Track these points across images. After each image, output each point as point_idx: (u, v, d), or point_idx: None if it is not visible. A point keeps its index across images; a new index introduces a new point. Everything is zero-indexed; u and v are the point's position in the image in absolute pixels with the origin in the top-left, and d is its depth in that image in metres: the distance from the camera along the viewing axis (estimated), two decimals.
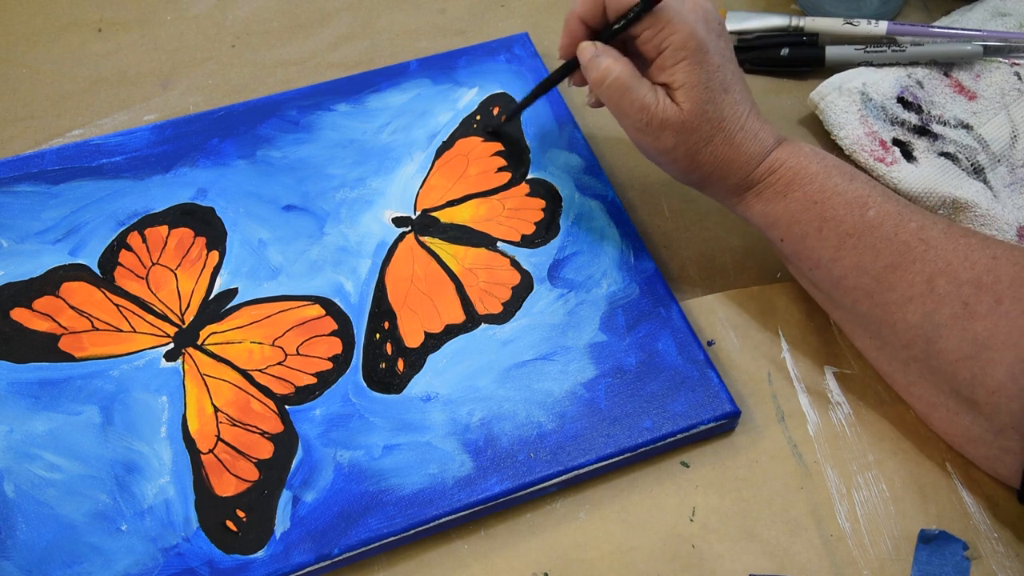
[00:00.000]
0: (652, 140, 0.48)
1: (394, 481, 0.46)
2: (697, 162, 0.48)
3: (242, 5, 0.70)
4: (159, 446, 0.47)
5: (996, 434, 0.44)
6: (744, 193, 0.49)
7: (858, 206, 0.46)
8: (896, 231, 0.45)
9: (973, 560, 0.46)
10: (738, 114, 0.48)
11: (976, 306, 0.43)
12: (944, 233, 0.45)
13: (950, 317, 0.44)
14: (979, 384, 0.43)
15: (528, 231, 0.55)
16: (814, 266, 0.48)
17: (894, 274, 0.45)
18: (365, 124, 0.60)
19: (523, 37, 0.64)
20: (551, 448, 0.47)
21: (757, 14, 0.67)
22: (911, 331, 0.45)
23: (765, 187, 0.48)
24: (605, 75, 0.47)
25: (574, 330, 0.51)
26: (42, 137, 0.62)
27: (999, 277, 0.43)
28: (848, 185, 0.47)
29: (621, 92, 0.47)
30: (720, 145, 0.47)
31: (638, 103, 0.47)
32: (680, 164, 0.49)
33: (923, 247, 0.45)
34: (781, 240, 0.49)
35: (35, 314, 0.51)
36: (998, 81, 0.62)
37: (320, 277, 0.53)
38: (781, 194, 0.48)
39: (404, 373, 0.49)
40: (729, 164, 0.48)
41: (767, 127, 0.49)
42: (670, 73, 0.46)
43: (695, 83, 0.46)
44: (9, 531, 0.44)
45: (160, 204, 0.56)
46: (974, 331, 0.43)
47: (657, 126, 0.47)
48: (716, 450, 0.49)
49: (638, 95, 0.47)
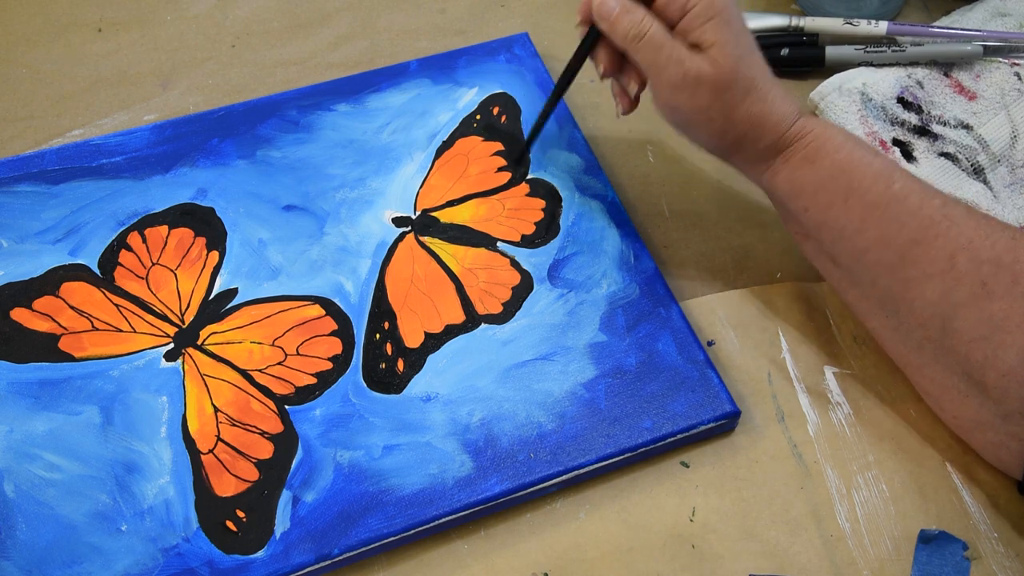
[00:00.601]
0: (687, 98, 0.47)
1: (394, 481, 0.46)
2: (732, 121, 0.47)
3: (242, 5, 0.70)
4: (159, 446, 0.47)
5: (1003, 419, 0.44)
6: (774, 158, 0.48)
7: (884, 178, 0.46)
8: (921, 205, 0.45)
9: (973, 560, 0.46)
10: (766, 74, 0.47)
11: (994, 286, 0.43)
12: (966, 212, 0.45)
13: (968, 296, 0.44)
14: (990, 366, 0.43)
15: (528, 231, 0.55)
16: (837, 237, 0.47)
17: (917, 248, 0.45)
18: (365, 124, 0.60)
19: (523, 37, 0.64)
20: (551, 448, 0.47)
21: (757, 14, 0.67)
22: (929, 309, 0.45)
23: (795, 152, 0.47)
24: (642, 29, 0.46)
25: (574, 330, 0.51)
26: (42, 137, 0.62)
27: (1018, 257, 0.43)
28: (873, 159, 0.47)
29: (658, 47, 0.46)
30: (755, 103, 0.47)
31: (675, 57, 0.46)
32: (716, 124, 0.47)
33: (947, 223, 0.45)
34: (806, 210, 0.48)
35: (35, 314, 0.51)
36: (998, 81, 0.62)
37: (320, 277, 0.53)
38: (810, 160, 0.47)
39: (404, 373, 0.49)
40: (764, 123, 0.47)
41: (788, 94, 0.48)
42: (700, 33, 0.46)
43: (726, 41, 0.45)
44: (9, 531, 0.44)
45: (160, 204, 0.56)
46: (991, 311, 0.43)
47: (693, 82, 0.46)
48: (716, 450, 0.49)
49: (675, 50, 0.46)
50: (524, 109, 0.60)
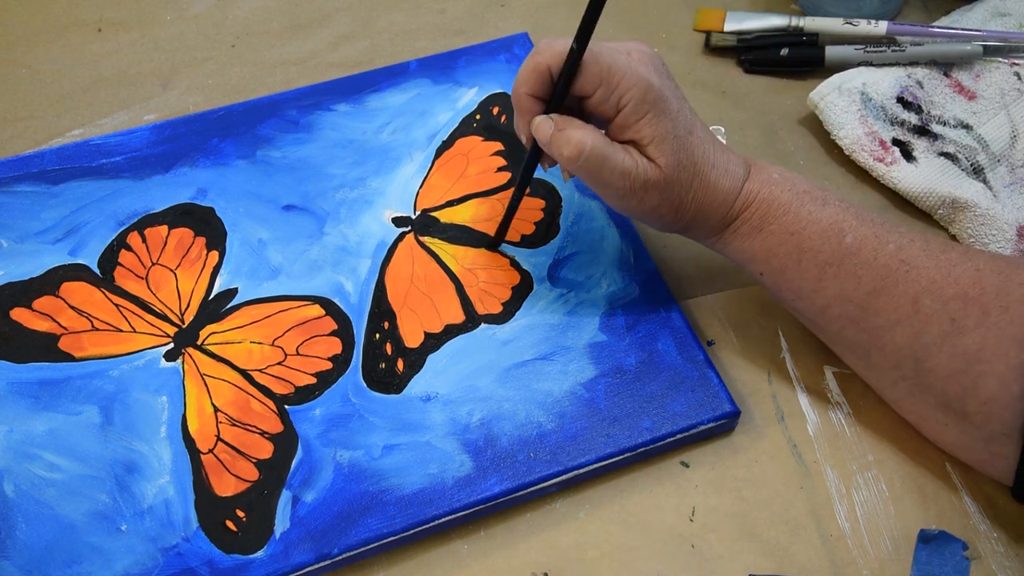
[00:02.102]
0: (636, 203, 0.46)
1: (394, 481, 0.46)
2: (681, 212, 0.47)
3: (242, 5, 0.70)
4: (159, 446, 0.47)
5: (986, 442, 0.44)
6: (722, 232, 0.48)
7: (834, 233, 0.45)
8: (875, 255, 0.45)
9: (973, 560, 0.46)
10: (707, 153, 0.46)
11: (964, 320, 0.43)
12: (924, 251, 0.45)
13: (939, 335, 0.43)
14: (970, 397, 0.43)
15: (528, 231, 0.55)
16: (796, 297, 0.47)
17: (878, 299, 0.45)
18: (365, 124, 0.60)
19: (523, 37, 0.64)
20: (551, 448, 0.47)
21: (757, 14, 0.67)
22: (899, 352, 0.45)
23: (742, 223, 0.47)
24: (580, 148, 0.44)
25: (574, 330, 0.51)
26: (42, 137, 0.62)
27: (984, 289, 0.43)
28: (822, 211, 0.46)
29: (600, 163, 0.44)
30: (699, 188, 0.46)
31: (618, 170, 0.44)
32: (666, 218, 0.47)
33: (904, 268, 0.44)
34: (761, 274, 0.48)
35: (35, 314, 0.51)
36: (998, 81, 0.62)
37: (320, 277, 0.53)
38: (757, 228, 0.47)
39: (404, 373, 0.49)
40: (709, 205, 0.47)
41: (732, 155, 0.48)
42: (636, 130, 0.44)
43: (664, 135, 0.44)
44: (9, 531, 0.44)
45: (160, 204, 0.56)
46: (964, 346, 0.43)
47: (640, 188, 0.45)
48: (716, 450, 0.49)
49: (617, 161, 0.44)
50: None
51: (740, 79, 0.66)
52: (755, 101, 0.64)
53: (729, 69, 0.66)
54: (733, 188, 0.47)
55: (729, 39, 0.66)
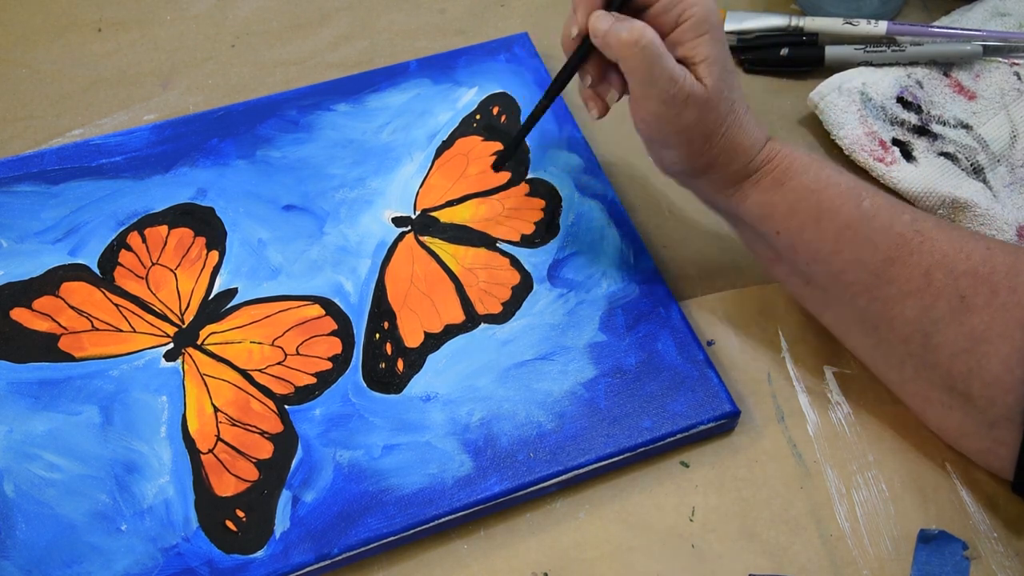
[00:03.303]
0: (674, 115, 0.45)
1: (394, 481, 0.46)
2: (710, 143, 0.46)
3: (242, 5, 0.70)
4: (159, 446, 0.47)
5: (990, 427, 0.44)
6: (742, 182, 0.48)
7: (852, 196, 0.46)
8: (892, 223, 0.45)
9: (973, 560, 0.46)
10: (743, 98, 0.47)
11: (973, 298, 0.43)
12: (937, 225, 0.45)
13: (948, 311, 0.44)
14: (975, 377, 0.43)
15: (528, 231, 0.55)
16: (811, 260, 0.47)
17: (892, 268, 0.45)
18: (365, 124, 0.60)
19: (523, 37, 0.64)
20: (551, 448, 0.47)
21: (757, 14, 0.67)
22: (909, 326, 0.45)
23: (763, 175, 0.47)
24: (640, 34, 0.43)
25: (574, 330, 0.51)
26: (42, 137, 0.62)
27: (995, 268, 0.43)
28: (840, 177, 0.47)
29: (654, 58, 0.44)
30: (732, 127, 0.46)
31: (668, 72, 0.44)
32: (695, 144, 0.46)
33: (919, 239, 0.45)
34: (777, 233, 0.47)
35: (35, 314, 0.51)
36: (998, 81, 0.62)
37: (320, 277, 0.53)
38: (779, 182, 0.47)
39: (404, 373, 0.49)
40: (736, 147, 0.47)
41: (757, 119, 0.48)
42: (691, 47, 0.45)
43: (716, 58, 0.45)
44: (9, 531, 0.44)
45: (160, 204, 0.56)
46: (971, 324, 0.43)
47: (683, 100, 0.44)
48: (716, 450, 0.49)
49: (670, 64, 0.44)
50: (524, 109, 0.60)
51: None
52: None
53: None
54: (759, 139, 0.47)
55: (729, 39, 0.66)
